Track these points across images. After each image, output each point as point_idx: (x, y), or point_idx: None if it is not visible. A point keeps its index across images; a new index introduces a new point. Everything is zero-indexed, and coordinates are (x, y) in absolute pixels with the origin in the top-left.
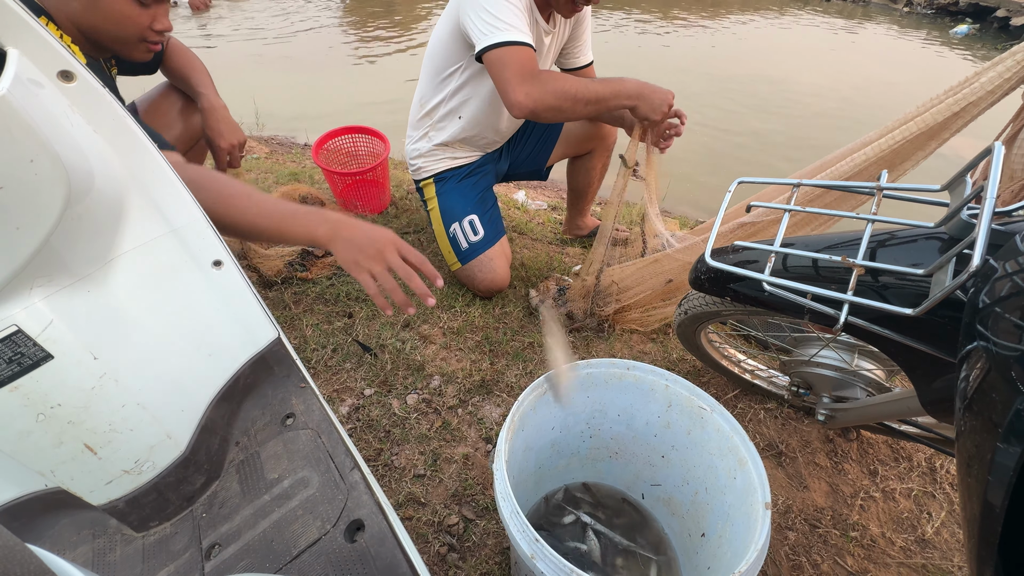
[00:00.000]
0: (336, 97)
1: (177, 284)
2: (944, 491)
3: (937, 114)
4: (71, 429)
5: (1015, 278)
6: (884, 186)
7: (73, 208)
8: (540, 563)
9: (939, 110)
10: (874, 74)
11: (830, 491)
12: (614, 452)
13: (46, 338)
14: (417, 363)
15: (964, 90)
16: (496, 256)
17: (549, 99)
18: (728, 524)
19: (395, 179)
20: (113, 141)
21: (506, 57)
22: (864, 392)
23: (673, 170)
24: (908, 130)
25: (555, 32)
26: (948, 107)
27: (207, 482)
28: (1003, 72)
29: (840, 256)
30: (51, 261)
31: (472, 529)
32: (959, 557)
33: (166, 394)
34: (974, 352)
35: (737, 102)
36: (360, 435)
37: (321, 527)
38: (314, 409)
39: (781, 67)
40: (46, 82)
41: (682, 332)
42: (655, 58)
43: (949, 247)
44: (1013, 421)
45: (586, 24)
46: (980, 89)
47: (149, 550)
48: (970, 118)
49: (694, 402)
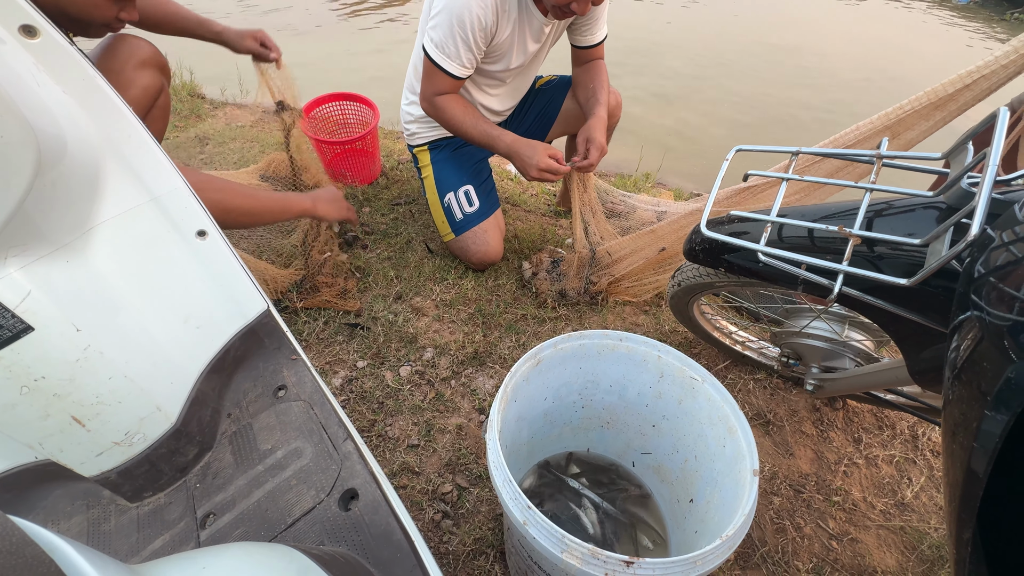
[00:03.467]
0: (326, 65)
1: (160, 254)
2: (925, 457)
3: (948, 85)
4: (57, 402)
5: (1012, 248)
6: (884, 154)
7: (46, 174)
8: (532, 529)
9: (951, 81)
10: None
11: (815, 458)
12: (606, 422)
13: (25, 309)
14: (410, 335)
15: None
16: (490, 228)
17: (437, 119)
18: (716, 490)
19: (385, 149)
20: (84, 103)
21: (432, 75)
22: (853, 362)
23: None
24: (918, 100)
25: (555, 21)
26: (960, 78)
27: (200, 453)
28: (1020, 47)
29: (837, 226)
30: (26, 230)
31: (466, 497)
32: (936, 519)
33: (154, 366)
34: (967, 322)
35: (742, 72)
36: (353, 407)
37: (315, 496)
38: (306, 381)
39: (784, 36)
40: (7, 37)
41: (675, 304)
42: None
43: (947, 216)
44: (1002, 389)
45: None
46: (995, 63)
47: (144, 520)
48: (980, 92)
49: (686, 372)
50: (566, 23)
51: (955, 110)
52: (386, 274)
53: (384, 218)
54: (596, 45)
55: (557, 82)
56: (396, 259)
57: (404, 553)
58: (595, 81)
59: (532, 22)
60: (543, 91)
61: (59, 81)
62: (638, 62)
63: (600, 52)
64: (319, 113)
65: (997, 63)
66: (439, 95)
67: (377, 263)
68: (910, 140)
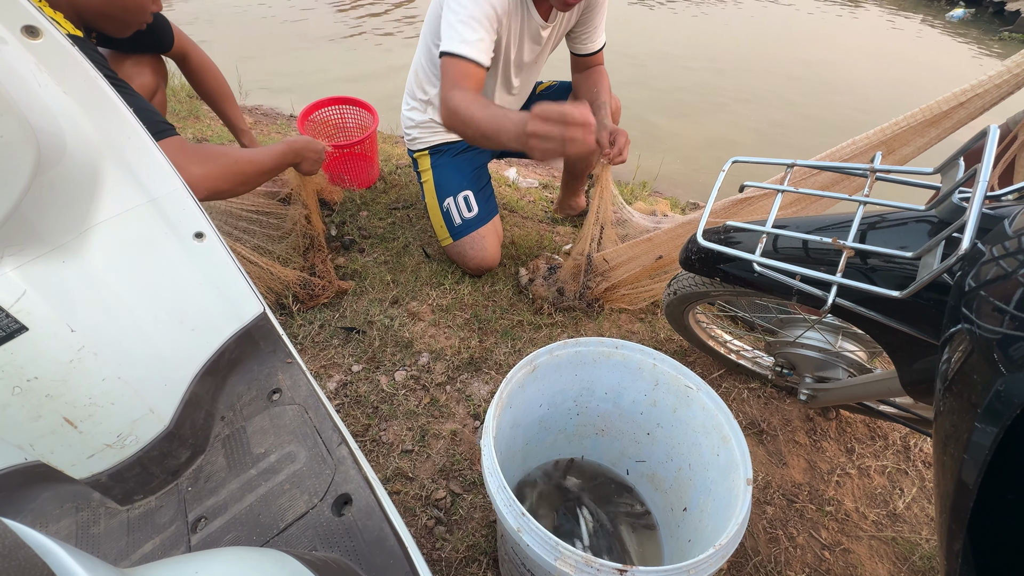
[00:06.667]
0: (325, 68)
1: (157, 256)
2: (916, 468)
3: (943, 103)
4: (49, 403)
5: (1001, 262)
6: (877, 168)
7: (45, 174)
8: (526, 536)
9: (945, 99)
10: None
11: (808, 468)
12: (600, 429)
13: (19, 309)
14: (405, 340)
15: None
16: (488, 234)
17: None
18: (710, 499)
19: (384, 153)
20: (85, 104)
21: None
22: (846, 373)
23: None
24: (913, 117)
25: (554, 25)
26: (955, 96)
27: (192, 456)
28: (1012, 67)
29: (831, 238)
30: (22, 230)
31: (459, 503)
32: (927, 530)
33: (148, 368)
34: (958, 334)
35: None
36: (348, 411)
37: (308, 501)
38: (301, 385)
39: (774, 50)
40: (9, 37)
41: (670, 312)
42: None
43: (939, 230)
44: (992, 402)
45: (598, 9)
46: (988, 82)
47: (134, 523)
48: (975, 110)
49: (680, 381)
50: (565, 29)
51: (949, 127)
52: (382, 278)
53: (381, 222)
54: (596, 52)
55: (558, 87)
56: (393, 263)
57: (397, 559)
58: (598, 85)
59: (531, 25)
60: (543, 96)
61: (60, 82)
62: (635, 71)
63: (600, 59)
64: (318, 117)
65: (991, 82)
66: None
67: (374, 267)
68: (905, 156)
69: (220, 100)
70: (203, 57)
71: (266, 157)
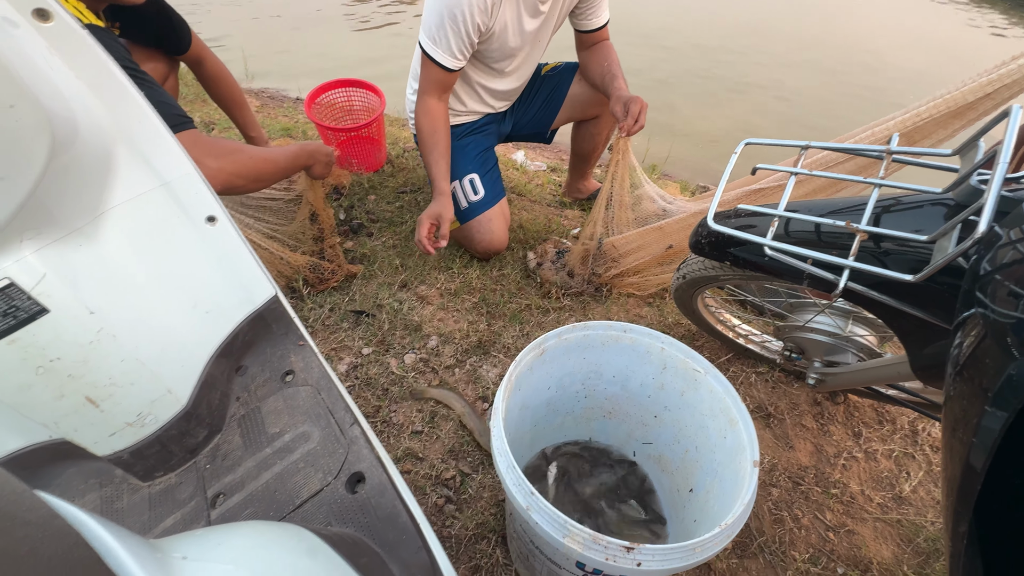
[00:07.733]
0: (330, 51)
1: (171, 239)
2: (924, 452)
3: (968, 93)
4: (71, 383)
5: (1019, 246)
6: (894, 149)
7: (59, 158)
8: (535, 515)
9: (971, 89)
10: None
11: (815, 451)
12: (608, 412)
13: (40, 292)
14: (415, 323)
15: (1000, 71)
16: (495, 217)
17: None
18: (716, 480)
19: (391, 136)
20: (96, 87)
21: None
22: (856, 357)
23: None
24: (936, 107)
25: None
26: (981, 87)
27: (209, 435)
28: None
29: (844, 221)
30: (39, 214)
31: (468, 483)
32: (932, 513)
33: (165, 350)
34: (971, 319)
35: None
36: (359, 392)
37: (323, 479)
38: (313, 366)
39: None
40: (21, 21)
41: (679, 296)
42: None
43: (955, 213)
44: (1003, 386)
45: None
46: (1017, 71)
47: (155, 498)
48: (1001, 101)
49: (688, 364)
50: (568, 7)
51: (974, 119)
52: (391, 262)
53: (390, 206)
54: (601, 28)
55: (563, 68)
56: (401, 247)
57: (410, 535)
58: (607, 59)
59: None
60: (549, 77)
61: (71, 65)
62: (642, 50)
63: (606, 34)
64: (325, 99)
65: (1021, 72)
66: (426, 94)
67: (382, 251)
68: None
69: (233, 106)
70: (218, 65)
71: (280, 156)
